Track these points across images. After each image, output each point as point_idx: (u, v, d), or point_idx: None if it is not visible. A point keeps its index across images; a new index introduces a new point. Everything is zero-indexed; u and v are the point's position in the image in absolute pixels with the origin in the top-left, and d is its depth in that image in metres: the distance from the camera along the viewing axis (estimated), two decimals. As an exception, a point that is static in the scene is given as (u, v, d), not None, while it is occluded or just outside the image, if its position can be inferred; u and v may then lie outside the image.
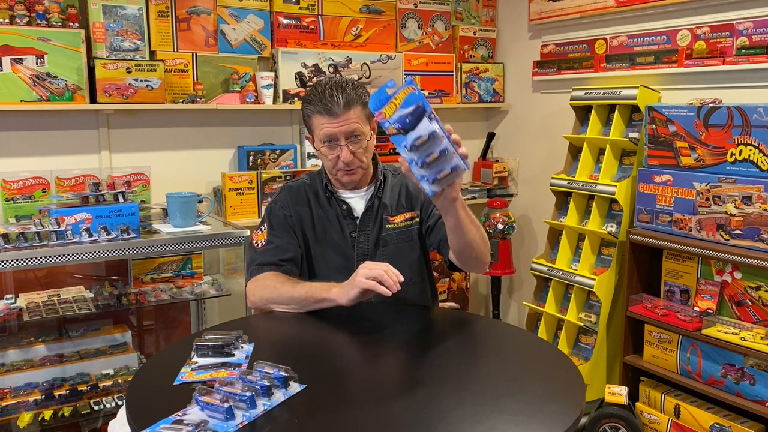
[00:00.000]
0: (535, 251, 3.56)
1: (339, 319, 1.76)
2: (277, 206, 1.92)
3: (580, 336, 3.03)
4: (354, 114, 1.77)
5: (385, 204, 1.90)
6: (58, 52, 2.51)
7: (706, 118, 2.43)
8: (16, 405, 2.36)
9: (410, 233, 1.91)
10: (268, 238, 1.88)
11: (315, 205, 1.90)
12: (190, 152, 2.97)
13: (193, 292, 2.68)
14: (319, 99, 1.77)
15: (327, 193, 1.90)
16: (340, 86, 1.77)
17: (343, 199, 1.90)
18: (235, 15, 2.97)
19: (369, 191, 1.91)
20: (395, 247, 1.88)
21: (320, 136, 1.79)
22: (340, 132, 1.77)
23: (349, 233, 1.87)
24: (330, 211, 1.89)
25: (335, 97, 1.75)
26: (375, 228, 1.89)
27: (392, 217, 1.90)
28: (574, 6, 3.17)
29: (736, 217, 2.33)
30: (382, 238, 1.88)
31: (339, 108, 1.75)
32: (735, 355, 2.32)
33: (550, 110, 3.45)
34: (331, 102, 1.75)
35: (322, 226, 1.89)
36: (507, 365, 1.45)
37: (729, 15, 2.60)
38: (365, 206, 1.89)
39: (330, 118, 1.76)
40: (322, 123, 1.77)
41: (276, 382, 1.25)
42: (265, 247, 1.87)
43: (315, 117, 1.79)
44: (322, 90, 1.77)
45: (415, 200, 1.93)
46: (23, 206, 2.52)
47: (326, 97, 1.76)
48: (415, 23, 3.47)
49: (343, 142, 1.78)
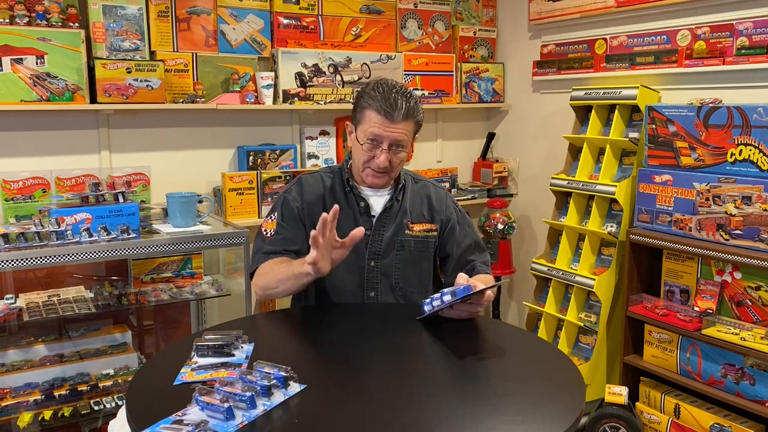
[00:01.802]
0: (535, 251, 3.56)
1: (339, 319, 1.77)
2: (290, 197, 1.93)
3: (580, 336, 3.03)
4: (407, 126, 1.81)
5: (406, 208, 1.93)
6: (58, 52, 2.51)
7: (706, 118, 2.43)
8: (16, 405, 2.36)
9: (427, 244, 1.94)
10: (277, 229, 1.89)
11: (330, 199, 1.91)
12: (190, 152, 2.97)
13: (193, 292, 2.68)
14: (383, 98, 1.78)
15: (347, 188, 1.91)
16: (405, 95, 1.80)
17: (363, 196, 1.91)
18: (235, 15, 2.97)
19: (389, 192, 1.93)
20: (410, 254, 1.89)
21: (367, 132, 1.81)
22: (388, 137, 1.79)
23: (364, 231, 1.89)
24: (346, 206, 1.90)
25: (399, 104, 1.77)
26: (391, 229, 1.90)
27: (413, 224, 1.92)
28: (574, 6, 3.17)
29: (736, 217, 2.33)
30: (399, 241, 1.90)
31: (399, 115, 1.77)
32: (735, 355, 2.32)
33: (550, 110, 3.46)
34: (394, 106, 1.77)
35: (336, 221, 1.89)
36: (507, 365, 1.45)
37: (729, 15, 2.60)
38: (384, 206, 1.91)
39: (386, 120, 1.78)
40: (374, 121, 1.79)
41: (276, 382, 1.25)
42: (273, 237, 1.88)
43: (370, 112, 1.80)
44: (389, 90, 1.79)
45: (436, 214, 1.96)
46: (23, 206, 2.52)
47: (390, 100, 1.78)
48: (415, 23, 3.47)
49: (386, 147, 1.80)
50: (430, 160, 3.68)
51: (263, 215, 2.96)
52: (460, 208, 2.04)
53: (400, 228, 1.90)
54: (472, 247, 1.99)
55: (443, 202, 1.99)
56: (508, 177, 3.69)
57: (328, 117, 3.27)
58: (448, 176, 3.58)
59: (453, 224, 1.97)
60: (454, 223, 1.97)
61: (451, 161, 3.72)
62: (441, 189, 2.03)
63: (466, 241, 1.98)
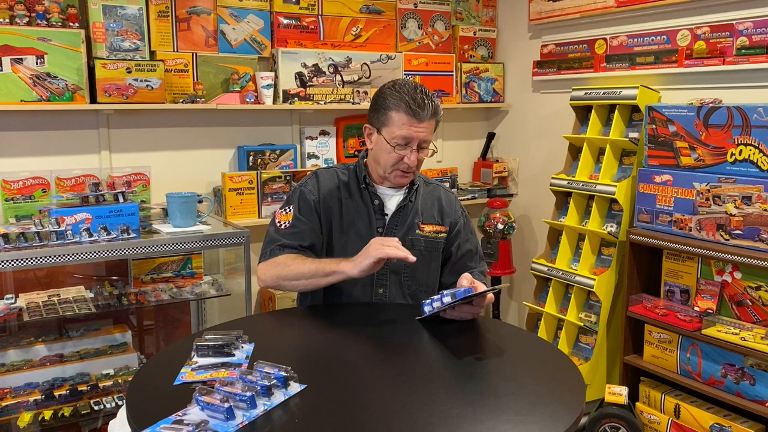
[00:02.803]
0: (535, 251, 3.56)
1: (339, 319, 1.77)
2: (307, 190, 1.93)
3: (580, 336, 3.03)
4: (432, 125, 1.84)
5: (417, 209, 1.94)
6: (58, 52, 2.50)
7: (706, 118, 2.43)
8: (16, 405, 2.36)
9: (436, 245, 1.95)
10: (292, 221, 1.88)
11: (345, 196, 1.92)
12: (190, 152, 2.97)
13: (193, 292, 2.68)
14: (410, 98, 1.79)
15: (362, 185, 1.92)
16: (428, 94, 1.82)
17: (378, 194, 1.92)
18: (235, 15, 2.97)
19: (403, 192, 1.95)
20: (419, 253, 1.90)
21: (396, 134, 1.81)
22: (417, 137, 1.81)
23: (376, 228, 1.90)
24: (361, 203, 1.91)
25: (426, 103, 1.79)
26: (403, 228, 1.91)
27: (423, 224, 1.93)
28: (574, 6, 3.17)
29: (736, 217, 2.33)
30: (410, 240, 1.91)
31: (427, 114, 1.80)
32: (735, 355, 2.32)
33: (550, 110, 3.45)
34: (422, 106, 1.79)
35: (349, 217, 1.90)
36: (507, 365, 1.45)
37: (729, 15, 2.60)
38: (397, 206, 1.92)
39: (415, 120, 1.80)
40: (405, 122, 1.80)
41: (276, 382, 1.25)
42: (288, 230, 1.88)
43: (398, 113, 1.81)
44: (414, 91, 1.81)
45: (446, 216, 1.98)
46: (23, 206, 2.52)
47: (418, 100, 1.79)
48: (415, 23, 3.47)
49: (415, 146, 1.82)
50: (430, 160, 3.65)
51: (263, 215, 2.96)
52: (467, 214, 2.06)
53: (411, 227, 1.92)
54: (471, 252, 2.01)
55: (453, 206, 2.02)
56: (508, 177, 3.69)
57: (328, 117, 3.27)
58: (448, 176, 3.58)
59: (459, 228, 1.99)
60: (460, 226, 2.00)
61: (451, 161, 3.72)
62: (451, 193, 2.07)
63: (467, 246, 2.00)
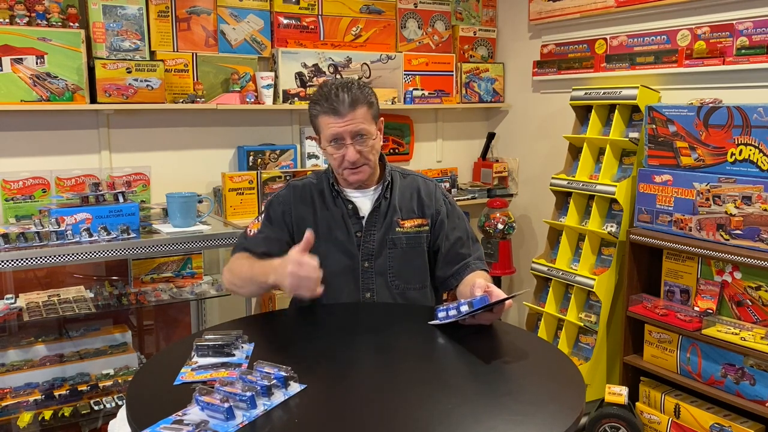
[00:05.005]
0: (535, 251, 3.56)
1: (339, 319, 1.77)
2: (277, 200, 1.94)
3: (580, 336, 3.03)
4: (360, 113, 1.79)
5: (395, 206, 1.91)
6: (58, 52, 2.51)
7: (706, 118, 2.43)
8: (16, 405, 2.36)
9: (419, 239, 1.92)
10: (260, 228, 1.92)
11: (320, 205, 1.91)
12: (190, 152, 2.97)
13: (193, 292, 2.68)
14: (325, 99, 1.79)
15: (333, 192, 1.91)
16: (345, 86, 1.79)
17: (350, 198, 1.90)
18: (235, 15, 2.97)
19: (376, 191, 1.92)
20: (402, 251, 1.88)
21: (326, 135, 1.81)
22: (345, 131, 1.79)
23: (354, 233, 1.88)
24: (335, 210, 1.90)
25: (341, 97, 1.77)
26: (382, 229, 1.89)
27: (403, 221, 1.91)
28: (574, 6, 3.17)
29: (736, 217, 2.33)
30: (391, 239, 1.88)
31: (345, 108, 1.77)
32: (735, 355, 2.32)
33: (550, 110, 3.46)
34: (337, 102, 1.77)
35: (327, 226, 1.89)
36: (507, 365, 1.45)
37: (729, 15, 2.60)
38: (372, 206, 1.90)
39: (336, 117, 1.78)
40: (328, 123, 1.80)
41: (276, 382, 1.25)
42: (255, 236, 1.91)
43: (321, 117, 1.81)
44: (328, 90, 1.80)
45: (426, 208, 1.94)
46: (23, 206, 2.52)
47: (332, 97, 1.78)
48: (415, 23, 3.47)
49: (349, 141, 1.79)
50: (430, 160, 3.68)
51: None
52: (451, 201, 2.00)
53: (391, 226, 1.89)
54: (462, 239, 1.95)
55: (432, 195, 1.96)
56: (508, 177, 3.69)
57: (328, 117, 3.27)
58: (448, 176, 3.58)
59: (443, 217, 1.94)
60: (443, 215, 1.95)
61: (451, 161, 3.72)
62: (430, 182, 2.01)
63: (455, 233, 1.94)
